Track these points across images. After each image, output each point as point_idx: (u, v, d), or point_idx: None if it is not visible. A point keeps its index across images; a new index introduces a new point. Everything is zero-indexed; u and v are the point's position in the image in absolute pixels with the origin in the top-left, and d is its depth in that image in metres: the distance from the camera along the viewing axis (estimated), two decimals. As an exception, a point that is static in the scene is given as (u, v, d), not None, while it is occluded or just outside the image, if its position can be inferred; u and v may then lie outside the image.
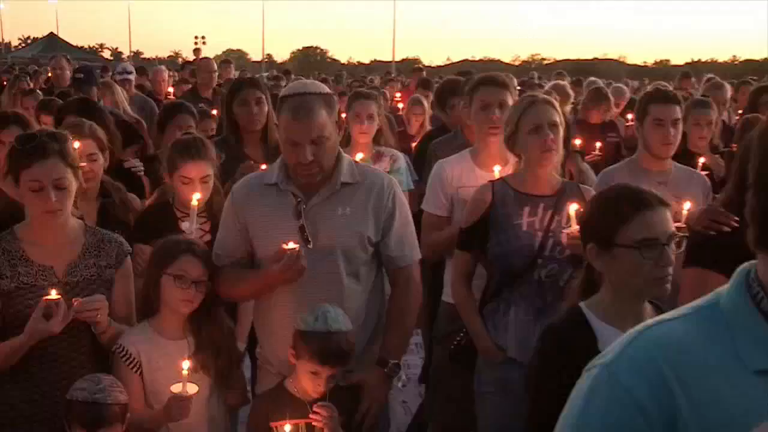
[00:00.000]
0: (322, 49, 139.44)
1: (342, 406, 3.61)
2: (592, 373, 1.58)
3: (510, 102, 4.85)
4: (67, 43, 59.57)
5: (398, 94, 13.87)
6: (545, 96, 4.57)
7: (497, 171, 4.63)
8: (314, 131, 3.62)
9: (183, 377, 3.43)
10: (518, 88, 6.20)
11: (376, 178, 3.93)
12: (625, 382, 1.51)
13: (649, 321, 1.61)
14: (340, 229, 3.76)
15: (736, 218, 3.82)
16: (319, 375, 3.50)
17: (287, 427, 3.47)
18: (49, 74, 13.13)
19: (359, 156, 5.54)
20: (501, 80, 5.06)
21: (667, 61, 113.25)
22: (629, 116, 8.44)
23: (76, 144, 4.24)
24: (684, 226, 3.74)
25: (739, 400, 1.42)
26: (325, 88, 3.90)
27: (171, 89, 12.56)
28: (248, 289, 3.93)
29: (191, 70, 14.28)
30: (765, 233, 1.51)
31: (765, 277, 1.52)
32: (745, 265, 1.57)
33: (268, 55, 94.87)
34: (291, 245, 3.59)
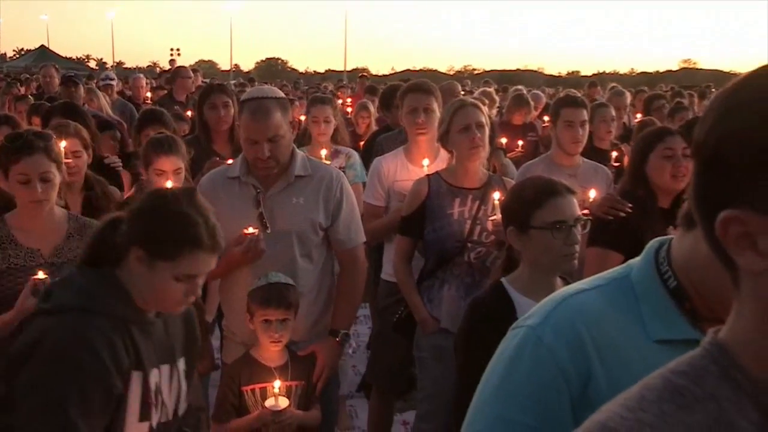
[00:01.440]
0: (282, 60, 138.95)
1: (300, 371, 3.64)
2: (519, 333, 1.58)
3: (435, 107, 4.91)
4: (57, 54, 58.47)
5: (348, 100, 13.85)
6: (473, 100, 4.60)
7: (425, 164, 4.71)
8: (270, 131, 3.65)
9: None
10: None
11: (325, 172, 3.95)
12: (549, 345, 1.52)
13: (570, 289, 1.62)
14: (294, 216, 3.78)
15: (630, 205, 3.93)
16: (271, 323, 3.51)
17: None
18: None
19: (323, 153, 5.64)
20: (427, 87, 5.08)
21: (578, 72, 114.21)
22: (545, 118, 8.51)
23: (63, 143, 4.29)
24: (588, 211, 3.79)
25: (642, 365, 1.40)
26: (281, 93, 3.93)
27: (149, 94, 12.48)
28: (214, 269, 3.89)
29: (167, 78, 14.20)
30: (689, 216, 1.51)
31: (677, 254, 1.54)
32: (654, 242, 1.59)
33: (236, 64, 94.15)
34: (251, 230, 3.63)
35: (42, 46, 62.88)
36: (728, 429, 1.01)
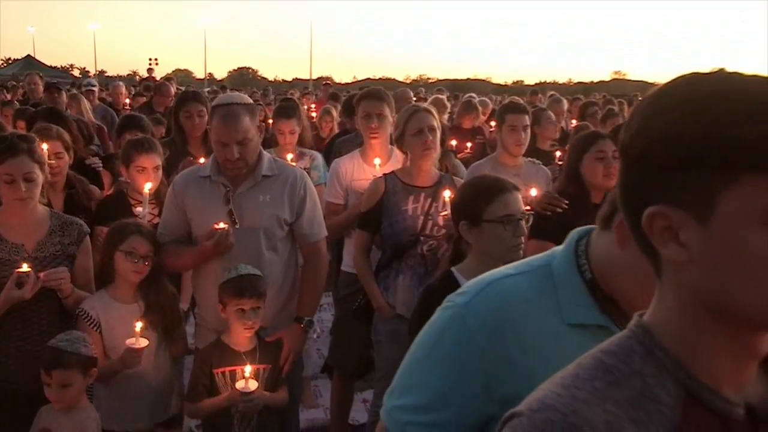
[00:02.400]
0: (253, 69, 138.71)
1: (268, 355, 3.63)
2: (448, 310, 1.60)
3: (387, 112, 4.91)
4: (42, 63, 57.47)
5: (313, 105, 13.81)
6: (426, 106, 4.62)
7: (377, 163, 4.74)
8: (239, 134, 3.63)
9: (135, 333, 3.42)
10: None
11: (290, 172, 3.93)
12: (470, 326, 1.54)
13: (498, 273, 1.63)
14: (261, 213, 3.76)
15: (566, 202, 3.98)
16: (245, 312, 3.51)
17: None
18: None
19: (289, 156, 5.61)
20: (379, 95, 5.07)
21: (522, 81, 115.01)
22: (492, 123, 8.54)
23: (45, 146, 4.25)
24: (529, 207, 3.81)
25: (556, 345, 1.45)
26: (249, 99, 3.91)
27: (128, 101, 12.35)
28: (187, 261, 3.90)
29: (145, 85, 14.10)
30: (606, 217, 1.55)
31: (596, 248, 1.56)
32: (574, 233, 1.61)
33: (210, 73, 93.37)
34: (221, 225, 3.60)
35: (28, 55, 61.90)
36: (651, 402, 1.03)
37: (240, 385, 3.39)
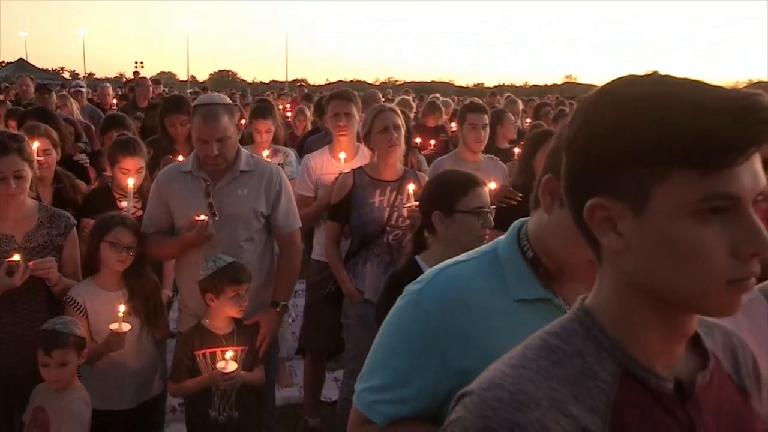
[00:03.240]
0: (233, 72, 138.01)
1: (245, 338, 3.62)
2: (406, 297, 1.61)
3: (354, 112, 4.93)
4: (34, 66, 56.73)
5: (288, 105, 13.75)
6: (391, 105, 4.63)
7: (342, 158, 4.76)
8: (219, 132, 3.62)
9: (119, 319, 3.40)
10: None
11: (266, 168, 3.90)
12: (426, 307, 1.55)
13: (447, 261, 1.65)
14: (239, 206, 3.73)
15: (520, 195, 3.99)
16: (239, 295, 3.52)
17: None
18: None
19: (265, 153, 5.63)
20: (347, 96, 5.07)
21: (482, 84, 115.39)
22: (454, 123, 8.56)
23: (35, 143, 4.26)
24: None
25: (505, 320, 1.47)
26: (228, 100, 3.87)
27: (114, 101, 12.23)
28: (170, 250, 3.86)
29: (130, 86, 13.99)
30: (537, 198, 1.57)
31: (532, 230, 1.59)
32: (517, 222, 1.64)
33: (192, 75, 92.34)
34: (202, 217, 3.58)
35: (21, 59, 61.12)
36: (591, 379, 1.04)
37: (221, 365, 3.39)
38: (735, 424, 1.13)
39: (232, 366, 3.37)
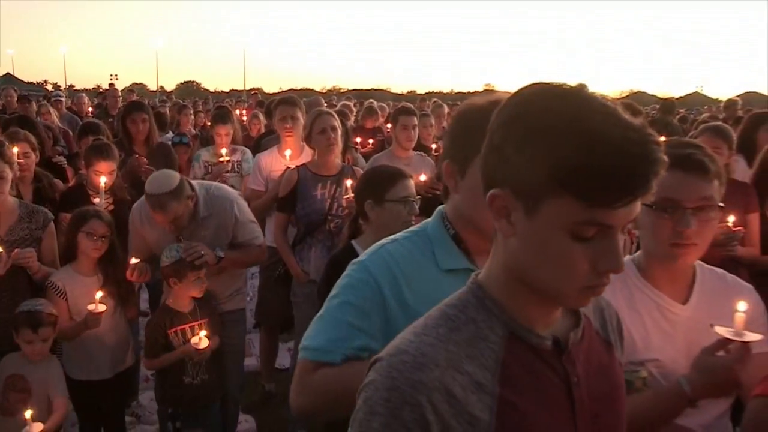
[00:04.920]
0: (197, 82, 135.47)
1: (206, 311, 3.58)
2: (355, 265, 1.62)
3: (299, 115, 4.88)
4: (20, 80, 55.13)
5: (244, 111, 13.57)
6: (328, 110, 4.65)
7: (287, 155, 4.74)
8: (170, 217, 3.43)
9: (95, 301, 3.37)
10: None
11: (222, 205, 3.67)
12: (372, 272, 1.57)
13: (385, 240, 1.66)
14: (205, 243, 3.53)
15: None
16: (200, 278, 3.46)
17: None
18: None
19: (224, 151, 5.57)
20: (292, 101, 5.03)
21: (414, 91, 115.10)
22: (389, 124, 8.54)
23: (16, 149, 4.17)
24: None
25: (435, 287, 1.45)
26: (174, 184, 3.44)
27: (90, 109, 11.93)
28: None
29: (103, 96, 13.71)
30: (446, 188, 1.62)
31: (449, 212, 1.63)
32: (440, 207, 1.67)
33: (161, 86, 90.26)
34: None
35: (8, 73, 59.40)
36: (483, 341, 1.07)
37: (194, 340, 3.37)
38: (601, 371, 1.18)
39: (204, 342, 3.36)
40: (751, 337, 1.56)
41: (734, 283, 1.87)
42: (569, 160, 0.96)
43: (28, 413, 2.87)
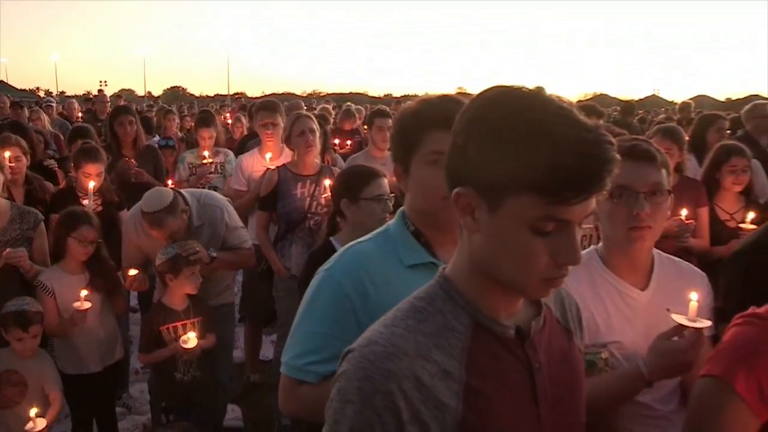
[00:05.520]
0: (183, 87, 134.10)
1: (199, 310, 3.54)
2: (319, 276, 1.62)
3: (279, 120, 4.86)
4: (14, 87, 54.49)
5: (228, 114, 13.48)
6: (306, 113, 4.63)
7: (268, 157, 4.72)
8: (167, 233, 3.42)
9: (81, 298, 3.36)
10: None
11: (212, 213, 3.68)
12: (338, 280, 1.56)
13: (351, 243, 1.66)
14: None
15: None
16: (195, 273, 3.44)
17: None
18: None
19: (206, 153, 5.56)
20: (272, 106, 5.02)
21: (391, 94, 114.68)
22: (366, 126, 8.54)
23: (7, 153, 4.21)
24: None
25: (400, 283, 1.47)
26: (168, 200, 3.41)
27: (80, 114, 11.80)
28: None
29: (93, 102, 13.56)
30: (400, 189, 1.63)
31: (407, 210, 1.63)
32: (401, 208, 1.66)
33: (149, 91, 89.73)
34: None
35: (1, 81, 58.67)
36: (449, 331, 1.07)
37: (183, 339, 3.34)
38: (562, 357, 1.19)
39: (192, 342, 3.33)
40: (704, 323, 1.61)
41: (689, 269, 1.93)
42: (528, 160, 0.97)
43: (32, 411, 2.92)
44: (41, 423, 2.90)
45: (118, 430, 3.91)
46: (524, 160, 0.97)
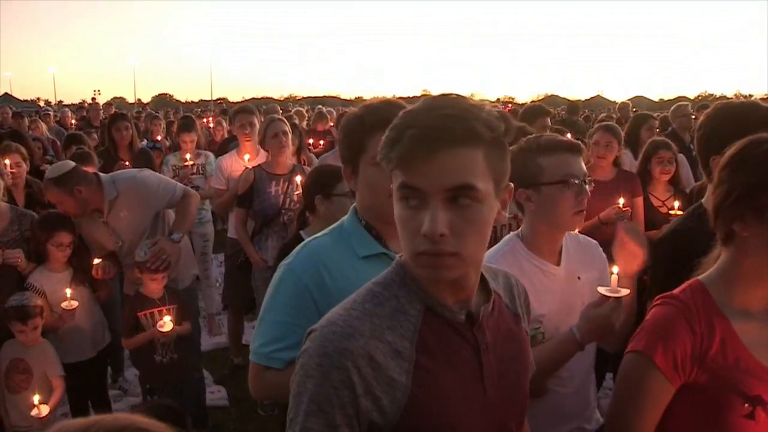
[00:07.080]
0: (170, 94, 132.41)
1: (174, 298, 3.53)
2: (280, 269, 1.61)
3: (256, 122, 4.85)
4: (17, 98, 53.87)
5: (210, 118, 13.34)
6: (279, 116, 4.59)
7: (246, 159, 4.69)
8: (53, 200, 3.45)
9: (67, 298, 3.35)
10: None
11: (126, 184, 3.56)
12: (297, 272, 1.55)
13: (311, 238, 1.65)
14: (128, 221, 3.57)
15: None
16: (156, 279, 3.44)
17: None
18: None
19: (188, 155, 5.51)
20: (250, 110, 4.99)
21: (361, 96, 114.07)
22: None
23: (7, 160, 4.24)
24: None
25: (355, 273, 1.48)
26: (59, 172, 3.40)
27: (74, 121, 11.64)
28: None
29: (86, 110, 13.39)
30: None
31: (358, 206, 1.64)
32: (353, 205, 1.67)
33: (138, 98, 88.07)
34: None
35: (6, 93, 58.25)
36: (403, 314, 1.08)
37: (159, 324, 3.34)
38: (509, 337, 1.20)
39: (168, 326, 3.33)
40: (623, 292, 1.69)
41: (584, 240, 2.05)
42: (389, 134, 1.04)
43: (36, 398, 2.94)
44: (45, 409, 2.93)
45: (112, 410, 3.86)
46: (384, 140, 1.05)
